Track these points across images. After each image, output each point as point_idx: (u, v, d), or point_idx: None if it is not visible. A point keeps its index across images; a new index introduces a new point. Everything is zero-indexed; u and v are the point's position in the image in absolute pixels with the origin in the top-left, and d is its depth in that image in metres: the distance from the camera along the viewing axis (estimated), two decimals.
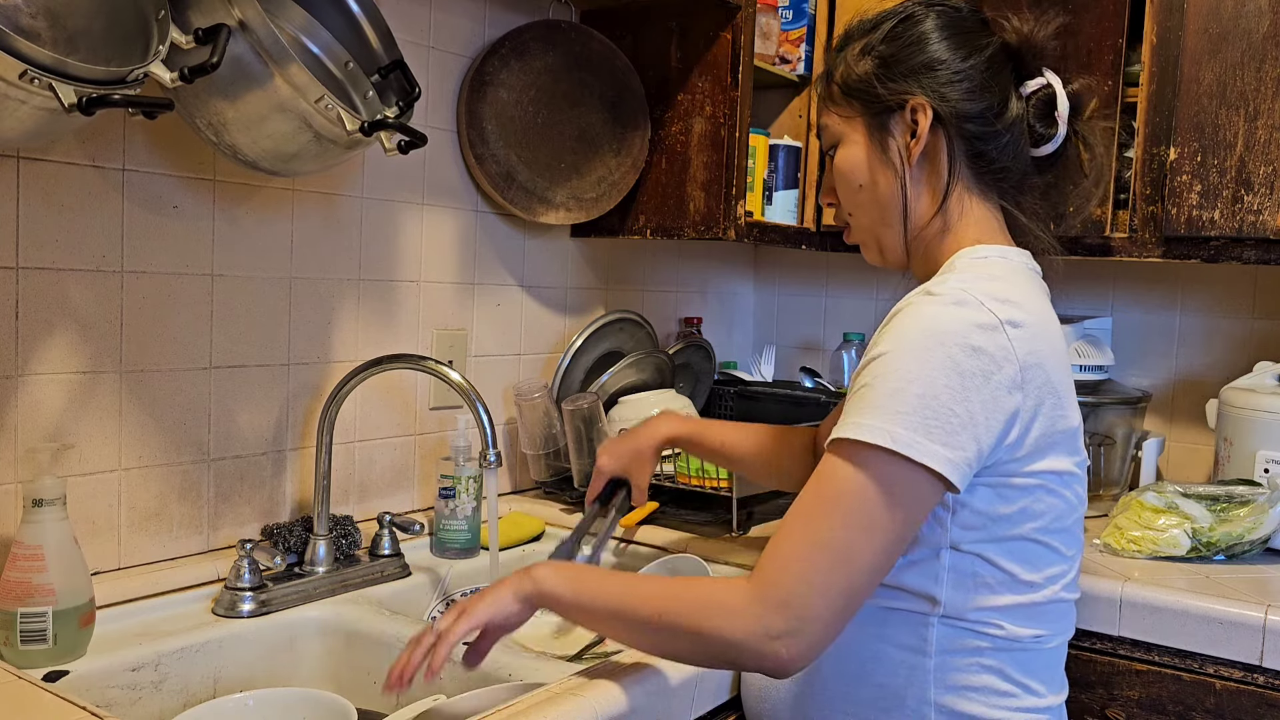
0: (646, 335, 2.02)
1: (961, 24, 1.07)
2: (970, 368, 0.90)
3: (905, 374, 0.90)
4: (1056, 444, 0.97)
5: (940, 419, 0.89)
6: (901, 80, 1.04)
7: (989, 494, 0.95)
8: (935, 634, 0.99)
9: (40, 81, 0.91)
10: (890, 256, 1.11)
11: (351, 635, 1.28)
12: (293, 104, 1.13)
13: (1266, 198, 1.57)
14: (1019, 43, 1.07)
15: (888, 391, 0.90)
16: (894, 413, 0.89)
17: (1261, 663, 1.30)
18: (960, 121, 1.04)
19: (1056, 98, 1.07)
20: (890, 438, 0.88)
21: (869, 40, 1.08)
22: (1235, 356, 1.93)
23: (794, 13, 1.96)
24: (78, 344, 1.22)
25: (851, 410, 0.92)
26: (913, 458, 0.88)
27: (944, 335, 0.90)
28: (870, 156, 1.07)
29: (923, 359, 0.90)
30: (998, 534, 0.97)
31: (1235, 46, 1.58)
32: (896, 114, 1.05)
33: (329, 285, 1.51)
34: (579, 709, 0.94)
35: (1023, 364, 0.92)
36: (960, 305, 0.92)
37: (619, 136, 1.81)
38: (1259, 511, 1.51)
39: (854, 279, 2.37)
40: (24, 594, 1.03)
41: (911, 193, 1.06)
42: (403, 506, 1.64)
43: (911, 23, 1.06)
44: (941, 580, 0.97)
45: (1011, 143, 1.06)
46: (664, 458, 1.81)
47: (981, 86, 1.04)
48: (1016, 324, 0.93)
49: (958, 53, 1.04)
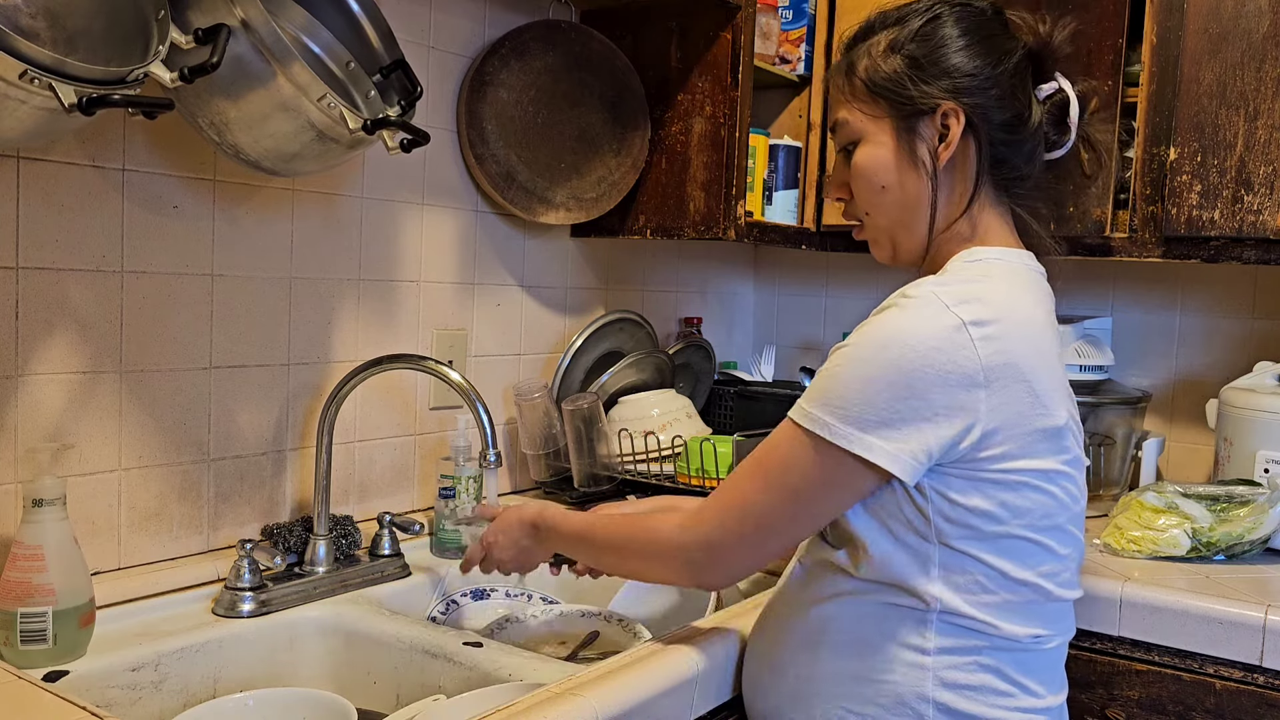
0: (646, 335, 2.02)
1: (988, 27, 1.06)
2: (920, 366, 0.93)
3: (854, 368, 0.96)
4: (1036, 442, 0.98)
5: (881, 414, 0.94)
6: (934, 83, 1.03)
7: (964, 485, 0.97)
8: (934, 631, 1.00)
9: (40, 81, 0.91)
10: (905, 258, 1.11)
11: (351, 635, 1.28)
12: (295, 103, 1.13)
13: (1266, 198, 1.57)
14: (1038, 47, 1.07)
15: (837, 382, 0.97)
16: (835, 405, 0.96)
17: (1261, 663, 1.30)
18: (990, 129, 1.04)
19: (1070, 103, 1.07)
20: (828, 430, 0.95)
21: (896, 36, 1.06)
22: (1235, 356, 1.93)
23: (794, 13, 1.96)
24: (78, 344, 1.22)
25: (808, 392, 1.00)
26: (845, 448, 0.95)
27: (900, 334, 0.95)
28: (898, 158, 1.06)
29: (874, 355, 0.95)
30: (985, 532, 0.98)
31: (1235, 46, 1.58)
32: (927, 117, 1.04)
33: (329, 285, 1.51)
34: (579, 709, 0.94)
35: (986, 364, 0.94)
36: (922, 307, 0.96)
37: (619, 136, 1.81)
38: (1259, 511, 1.51)
39: (854, 279, 2.37)
40: (24, 594, 1.03)
41: (939, 198, 1.06)
42: (403, 506, 1.64)
43: (940, 23, 1.05)
44: (934, 578, 0.99)
45: (1031, 149, 1.07)
46: (664, 457, 1.82)
47: (1010, 94, 1.04)
48: (981, 323, 0.95)
49: (988, 59, 1.04)
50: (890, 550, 1.00)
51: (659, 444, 1.82)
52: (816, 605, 1.06)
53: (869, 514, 1.00)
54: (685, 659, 1.08)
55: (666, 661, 1.07)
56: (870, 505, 1.00)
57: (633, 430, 1.80)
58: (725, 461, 1.69)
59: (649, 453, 1.81)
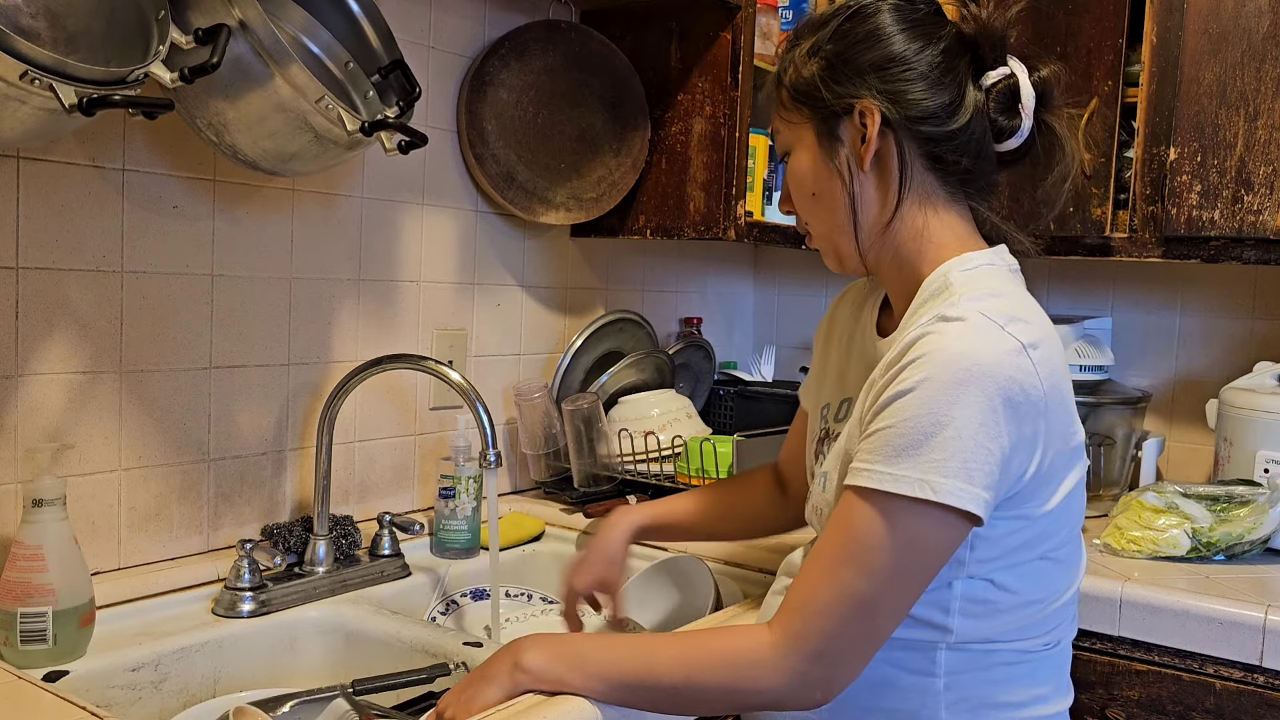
0: (646, 335, 2.02)
1: (913, 17, 1.00)
2: (1002, 402, 0.86)
3: (938, 414, 0.86)
4: (1070, 461, 0.96)
5: (978, 459, 0.86)
6: (848, 83, 0.99)
7: (1009, 525, 0.93)
8: (943, 657, 0.98)
9: (40, 82, 0.91)
10: (848, 264, 1.07)
11: (351, 635, 1.28)
12: (293, 104, 1.13)
13: (1266, 198, 1.57)
14: (975, 32, 1.00)
15: (921, 433, 0.86)
16: (931, 460, 0.86)
17: (1261, 663, 1.30)
18: (912, 123, 0.98)
19: (1020, 88, 1.00)
20: (930, 489, 0.86)
21: (817, 39, 1.02)
22: (1235, 356, 1.93)
23: (794, 13, 1.96)
24: (78, 344, 1.22)
25: (878, 454, 0.88)
26: (954, 505, 0.86)
27: (974, 368, 0.86)
28: (819, 163, 1.02)
29: (955, 395, 0.86)
30: (1013, 560, 0.96)
31: (1235, 46, 1.58)
32: (845, 119, 1.00)
33: (329, 285, 1.51)
34: (579, 709, 0.93)
35: (1046, 389, 0.90)
36: (980, 332, 0.89)
37: (619, 136, 1.81)
38: (1259, 511, 1.51)
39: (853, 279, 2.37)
40: (24, 594, 1.03)
41: (860, 199, 1.01)
42: (403, 506, 1.64)
43: (860, 18, 1.00)
44: (953, 610, 0.96)
45: (971, 141, 1.00)
46: (664, 457, 1.82)
47: (935, 84, 0.98)
48: (1035, 345, 0.90)
49: (909, 47, 0.98)
50: None
51: (659, 444, 1.82)
52: None
53: None
54: None
55: None
56: None
57: (633, 430, 1.81)
58: (725, 461, 1.69)
59: (649, 453, 1.81)
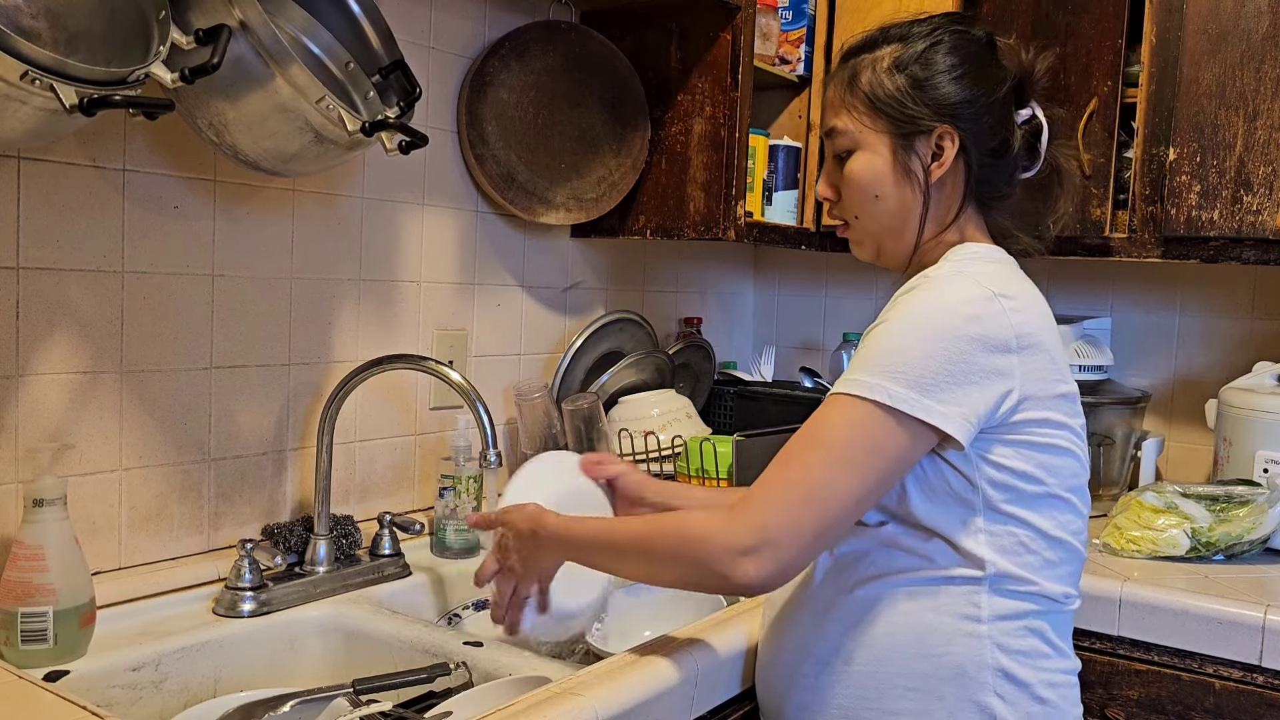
0: (646, 335, 2.02)
1: (982, 56, 1.11)
2: (966, 332, 0.98)
3: (905, 337, 0.99)
4: (1059, 405, 1.04)
5: (936, 378, 0.97)
6: (934, 107, 1.09)
7: (1006, 449, 1.02)
8: (986, 599, 1.03)
9: (41, 82, 0.91)
10: (890, 261, 1.16)
11: (352, 635, 1.28)
12: (294, 104, 1.13)
13: (1266, 198, 1.57)
14: (1021, 75, 1.13)
15: (888, 351, 0.99)
16: (892, 371, 0.97)
17: (1261, 662, 1.30)
18: (978, 153, 1.11)
19: (1042, 129, 1.14)
20: (887, 394, 0.96)
21: (900, 55, 1.11)
22: (1235, 356, 1.93)
23: (794, 13, 1.97)
24: (78, 344, 1.23)
25: (852, 367, 1.01)
26: (908, 412, 0.96)
27: (941, 304, 1.00)
28: (895, 172, 1.11)
29: (921, 324, 0.99)
30: (1027, 492, 1.03)
31: (1235, 47, 1.59)
32: (924, 136, 1.10)
33: (329, 285, 1.51)
34: (579, 709, 0.94)
35: (1016, 331, 1.00)
36: (953, 281, 1.02)
37: (619, 137, 1.81)
38: (1258, 511, 1.51)
39: (854, 279, 2.37)
40: (25, 594, 1.03)
41: (928, 209, 1.12)
42: (403, 506, 1.64)
43: (941, 48, 1.11)
44: (981, 542, 1.02)
45: (1012, 170, 1.14)
46: (664, 457, 1.82)
47: (999, 122, 1.11)
48: (1009, 295, 1.01)
49: (981, 88, 1.10)
50: (937, 518, 1.03)
51: (659, 444, 1.82)
52: (861, 587, 1.06)
53: (915, 485, 1.03)
54: (686, 657, 1.08)
55: (667, 660, 1.06)
56: (916, 476, 1.02)
57: (633, 430, 1.81)
58: (725, 461, 1.69)
59: (649, 453, 1.81)
